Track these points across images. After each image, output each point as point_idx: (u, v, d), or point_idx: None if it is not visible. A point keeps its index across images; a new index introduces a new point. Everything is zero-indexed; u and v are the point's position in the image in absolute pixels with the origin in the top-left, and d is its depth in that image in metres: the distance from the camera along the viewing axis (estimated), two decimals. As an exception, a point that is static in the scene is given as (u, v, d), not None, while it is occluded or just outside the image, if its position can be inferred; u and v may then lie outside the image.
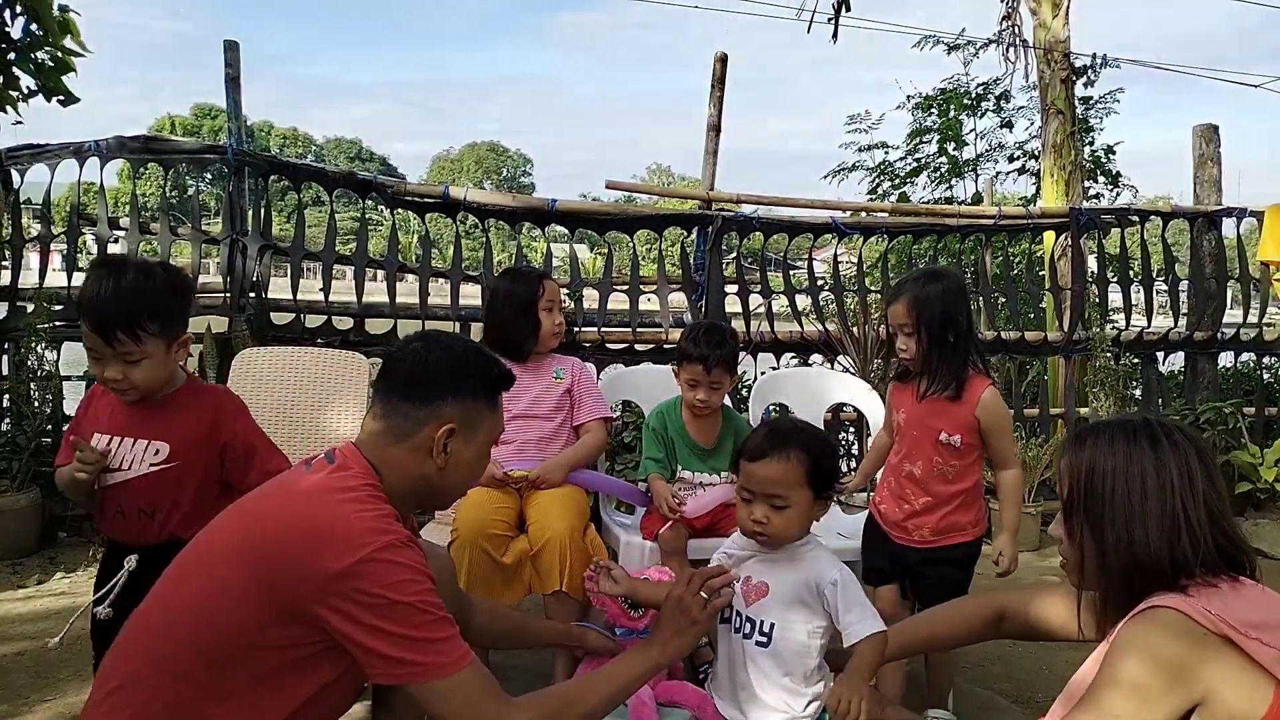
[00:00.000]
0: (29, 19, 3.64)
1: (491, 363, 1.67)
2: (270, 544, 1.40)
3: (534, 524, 2.47)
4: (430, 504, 1.69)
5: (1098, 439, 1.41)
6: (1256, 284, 5.34)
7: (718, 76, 4.80)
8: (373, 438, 1.58)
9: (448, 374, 1.59)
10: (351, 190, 4.51)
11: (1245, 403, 5.02)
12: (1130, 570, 1.35)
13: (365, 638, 1.36)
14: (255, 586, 1.37)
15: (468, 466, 1.63)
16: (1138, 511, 1.35)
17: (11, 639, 3.01)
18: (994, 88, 8.39)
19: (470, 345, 1.70)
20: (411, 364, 1.60)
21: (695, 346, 2.61)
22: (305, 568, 1.36)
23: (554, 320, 2.83)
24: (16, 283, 4.31)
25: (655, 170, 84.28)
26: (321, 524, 1.40)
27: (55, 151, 4.21)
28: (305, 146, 75.70)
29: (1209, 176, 5.35)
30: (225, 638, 1.38)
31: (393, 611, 1.36)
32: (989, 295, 5.43)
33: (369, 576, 1.35)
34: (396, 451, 1.56)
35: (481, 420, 1.63)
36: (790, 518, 1.86)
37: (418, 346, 1.62)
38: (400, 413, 1.57)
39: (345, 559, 1.35)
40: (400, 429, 1.56)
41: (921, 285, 2.34)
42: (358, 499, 1.45)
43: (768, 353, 4.80)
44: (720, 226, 4.66)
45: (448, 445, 1.57)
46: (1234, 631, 1.22)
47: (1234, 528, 1.36)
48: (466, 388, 1.60)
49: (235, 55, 4.36)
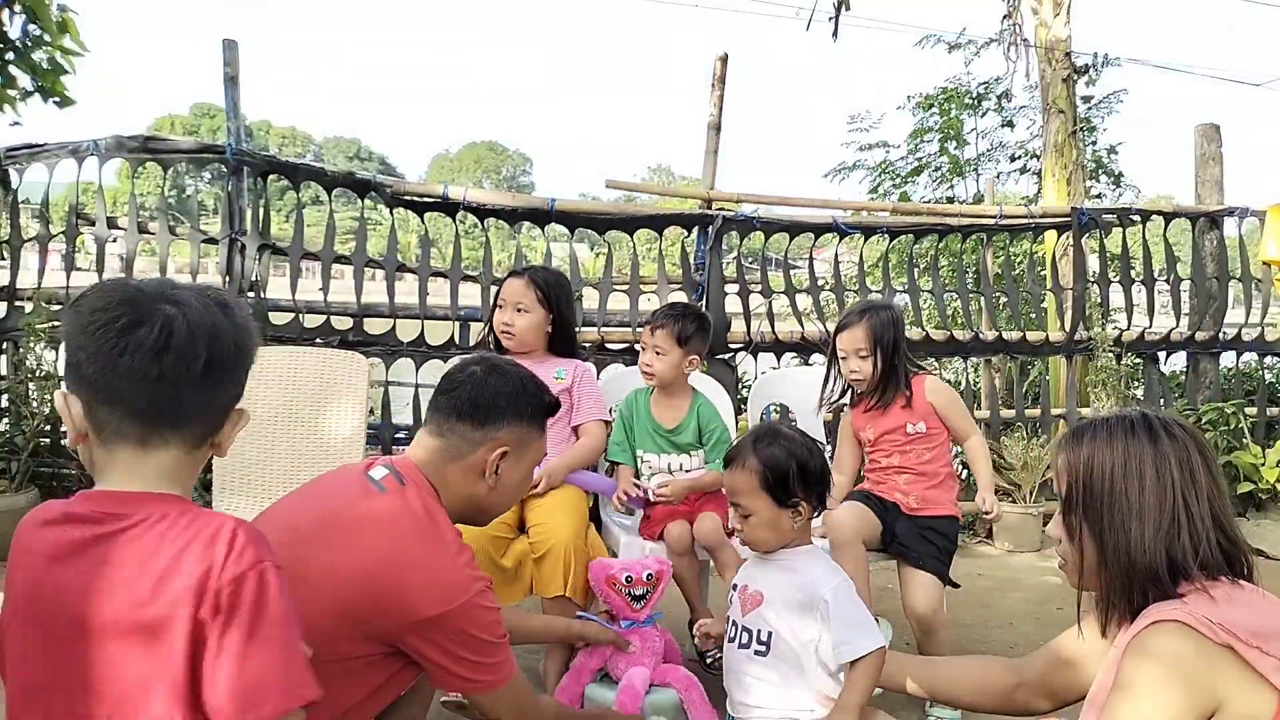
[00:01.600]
0: (28, 18, 3.62)
1: (543, 390, 1.78)
2: (361, 581, 1.46)
3: (535, 528, 2.46)
4: (474, 520, 1.78)
5: (1095, 435, 1.38)
6: (1258, 284, 5.33)
7: (718, 76, 4.79)
8: (430, 455, 1.67)
9: (506, 399, 1.69)
10: (350, 190, 4.49)
11: (1247, 403, 5.01)
12: (1128, 571, 1.32)
13: (444, 659, 1.51)
14: (338, 610, 1.44)
15: (514, 487, 1.75)
16: (1136, 509, 1.31)
17: (9, 640, 3.00)
18: (995, 87, 8.37)
19: (525, 372, 1.78)
20: (472, 388, 1.70)
21: (651, 315, 2.75)
22: (399, 608, 1.47)
23: (500, 318, 2.77)
24: (15, 283, 4.30)
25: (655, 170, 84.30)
26: (417, 569, 1.49)
27: (53, 151, 4.20)
28: (304, 145, 75.73)
29: (1210, 176, 5.33)
30: None
31: (476, 646, 1.52)
32: (990, 295, 5.42)
33: (463, 619, 1.50)
34: (451, 470, 1.66)
35: (530, 443, 1.74)
36: (755, 525, 1.87)
37: (477, 371, 1.72)
38: (458, 433, 1.67)
39: (442, 606, 1.48)
40: (457, 449, 1.66)
41: (875, 314, 2.69)
42: (447, 544, 1.56)
43: (768, 353, 4.78)
44: (720, 226, 4.64)
45: (499, 467, 1.67)
46: (1236, 640, 1.20)
47: (1234, 527, 1.33)
48: (521, 413, 1.71)
49: (234, 54, 4.34)
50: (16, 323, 4.14)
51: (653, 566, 2.35)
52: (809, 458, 1.88)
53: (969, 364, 6.05)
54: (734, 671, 1.92)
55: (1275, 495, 4.63)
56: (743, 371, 4.80)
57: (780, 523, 1.86)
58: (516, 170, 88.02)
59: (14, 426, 4.02)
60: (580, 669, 2.31)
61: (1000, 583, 4.00)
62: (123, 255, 4.52)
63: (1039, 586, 3.95)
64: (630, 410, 2.81)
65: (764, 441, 1.88)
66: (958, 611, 3.50)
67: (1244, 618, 1.23)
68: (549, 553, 2.38)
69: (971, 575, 4.09)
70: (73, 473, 4.08)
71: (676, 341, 2.67)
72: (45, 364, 4.08)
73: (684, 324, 2.69)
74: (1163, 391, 5.16)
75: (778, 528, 1.86)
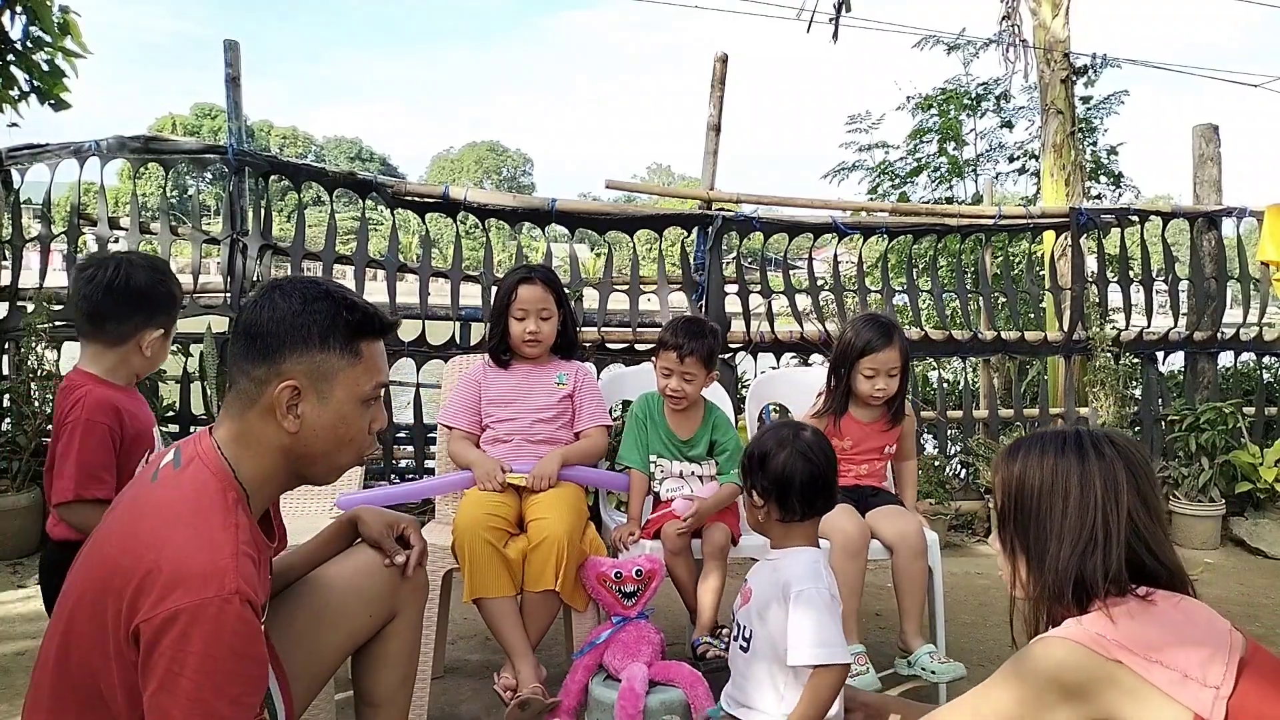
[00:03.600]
0: (29, 19, 3.63)
1: (345, 306, 1.41)
2: (101, 585, 1.24)
3: (532, 523, 2.48)
4: (305, 478, 1.47)
5: (1029, 451, 1.40)
6: (1256, 284, 5.34)
7: (718, 76, 4.80)
8: (226, 412, 1.40)
9: (285, 323, 1.37)
10: (351, 190, 4.51)
11: (1245, 402, 5.03)
12: (1045, 587, 1.35)
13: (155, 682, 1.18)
14: (100, 634, 1.24)
15: (331, 429, 1.40)
16: (1056, 527, 1.34)
17: (12, 639, 3.02)
18: (994, 87, 8.38)
19: (322, 288, 1.42)
20: (250, 316, 1.39)
21: (672, 336, 2.66)
22: (119, 611, 1.21)
23: (525, 328, 2.74)
24: (17, 283, 4.31)
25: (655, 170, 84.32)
26: (140, 579, 1.20)
27: (55, 151, 4.22)
28: (305, 146, 75.69)
29: (1209, 176, 5.35)
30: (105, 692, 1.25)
31: (202, 671, 1.17)
32: (989, 295, 5.43)
33: (192, 626, 1.17)
34: (249, 420, 1.37)
35: (335, 373, 1.39)
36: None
37: (259, 297, 1.41)
38: (244, 373, 1.37)
39: (169, 605, 1.17)
40: (248, 393, 1.37)
41: (899, 332, 2.76)
42: (198, 529, 1.25)
43: (768, 353, 4.80)
44: (720, 226, 4.66)
45: (296, 406, 1.36)
46: (1129, 654, 1.21)
47: (1164, 546, 1.34)
48: (308, 338, 1.37)
49: (235, 55, 4.36)
50: (18, 323, 4.15)
51: (644, 564, 2.37)
52: (773, 452, 1.88)
53: (967, 364, 6.06)
54: (732, 666, 1.95)
55: (1273, 495, 4.64)
56: (742, 371, 4.82)
57: (749, 505, 1.95)
58: (517, 170, 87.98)
59: (15, 426, 4.03)
60: (579, 666, 2.33)
61: (997, 581, 4.01)
62: (124, 255, 4.52)
63: (1037, 585, 3.96)
64: (645, 414, 2.78)
65: (760, 430, 2.02)
66: (956, 610, 3.51)
67: (1143, 633, 1.23)
68: (542, 544, 2.39)
69: (969, 574, 4.10)
70: (74, 472, 4.09)
71: (705, 365, 2.67)
72: (46, 364, 4.09)
73: (710, 344, 2.68)
74: (1161, 391, 5.17)
75: (749, 509, 1.96)
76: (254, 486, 1.39)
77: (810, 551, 1.93)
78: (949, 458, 5.10)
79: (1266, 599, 3.79)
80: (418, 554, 1.82)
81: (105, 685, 1.26)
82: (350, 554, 1.83)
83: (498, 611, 2.38)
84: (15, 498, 3.87)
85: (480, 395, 2.82)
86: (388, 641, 1.80)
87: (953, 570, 4.07)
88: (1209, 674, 1.20)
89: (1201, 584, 3.99)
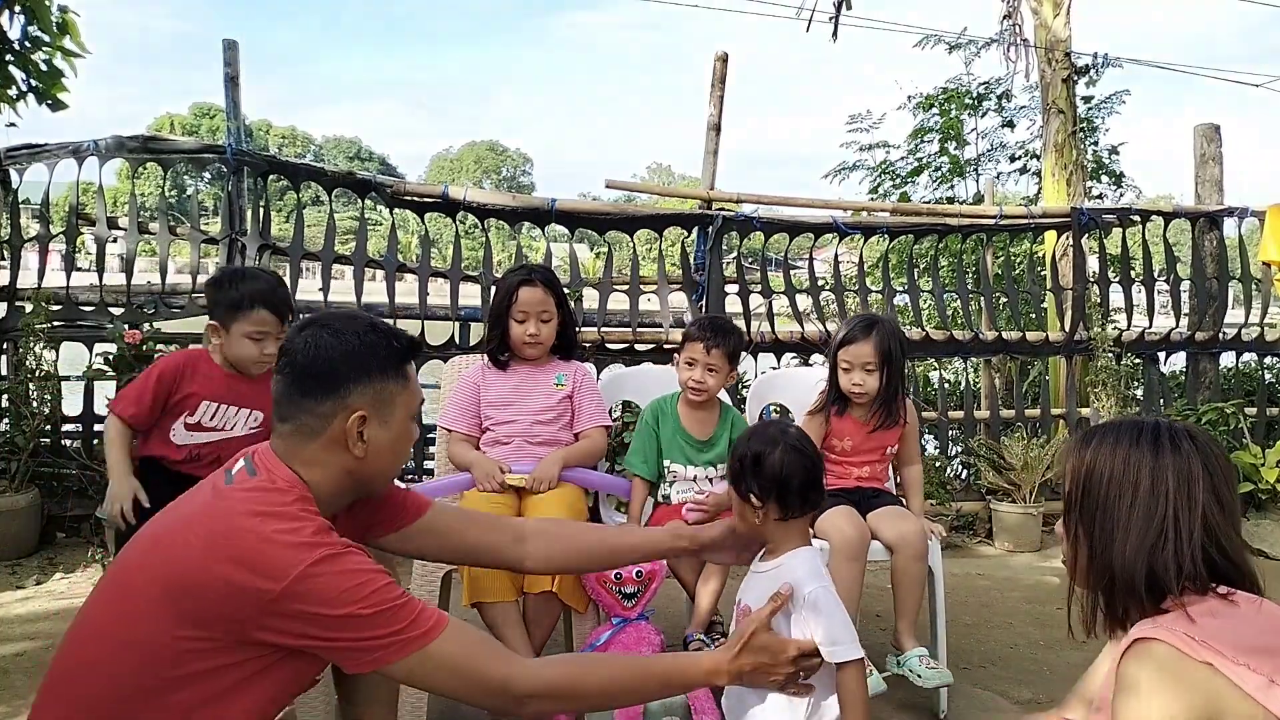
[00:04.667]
0: (28, 19, 3.62)
1: (389, 335, 1.55)
2: (196, 578, 1.32)
3: (532, 524, 2.46)
4: (364, 493, 1.60)
5: (1103, 440, 1.38)
6: (1258, 284, 5.33)
7: (718, 76, 4.80)
8: (286, 442, 1.49)
9: (344, 359, 1.48)
10: (350, 190, 4.50)
11: (1247, 403, 5.02)
12: (1110, 579, 1.33)
13: (323, 645, 1.34)
14: (181, 622, 1.31)
15: (391, 449, 1.54)
16: (1124, 519, 1.31)
17: (11, 639, 3.01)
18: (995, 87, 8.37)
19: (362, 322, 1.55)
20: (304, 356, 1.48)
21: (699, 330, 2.70)
22: (239, 596, 1.30)
23: (525, 330, 2.73)
24: (15, 283, 4.30)
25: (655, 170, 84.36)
26: (248, 550, 1.31)
27: (54, 151, 4.21)
28: (304, 146, 75.73)
29: (1210, 176, 5.34)
30: (151, 674, 1.31)
31: (331, 623, 1.32)
32: (990, 295, 5.42)
33: (308, 595, 1.30)
34: (312, 451, 1.47)
35: (394, 398, 1.53)
36: (735, 512, 1.93)
37: (307, 336, 1.50)
38: (305, 410, 1.47)
39: (280, 582, 1.29)
40: (310, 428, 1.47)
41: (882, 328, 2.71)
42: (282, 517, 1.37)
43: (768, 353, 4.79)
44: (720, 226, 4.65)
45: (363, 433, 1.48)
46: (1218, 657, 1.18)
47: (1236, 545, 1.31)
48: (369, 369, 1.49)
49: (234, 55, 4.35)
50: (16, 323, 4.14)
51: (644, 565, 2.35)
52: (769, 455, 1.85)
53: (969, 364, 6.05)
54: (732, 691, 1.91)
55: (1275, 495, 4.62)
56: (742, 371, 4.80)
57: (745, 514, 1.89)
58: (517, 170, 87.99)
59: (14, 426, 4.02)
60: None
61: (999, 583, 4.01)
62: (123, 255, 4.52)
63: (1038, 586, 3.95)
64: (656, 420, 2.75)
65: (745, 434, 1.96)
66: (958, 611, 3.50)
67: (1228, 634, 1.21)
68: None
69: (971, 575, 4.09)
70: (73, 472, 4.09)
71: (729, 360, 2.68)
72: (45, 364, 4.08)
73: (736, 340, 2.70)
74: (1162, 392, 5.16)
75: (744, 518, 1.91)
76: (322, 502, 1.48)
77: (807, 550, 1.92)
78: (950, 458, 5.09)
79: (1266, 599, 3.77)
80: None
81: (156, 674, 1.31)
82: None
83: (498, 616, 2.36)
84: (14, 498, 3.86)
85: (479, 397, 2.80)
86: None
87: (954, 572, 4.06)
88: None
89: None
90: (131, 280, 4.35)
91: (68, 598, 3.41)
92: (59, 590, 3.52)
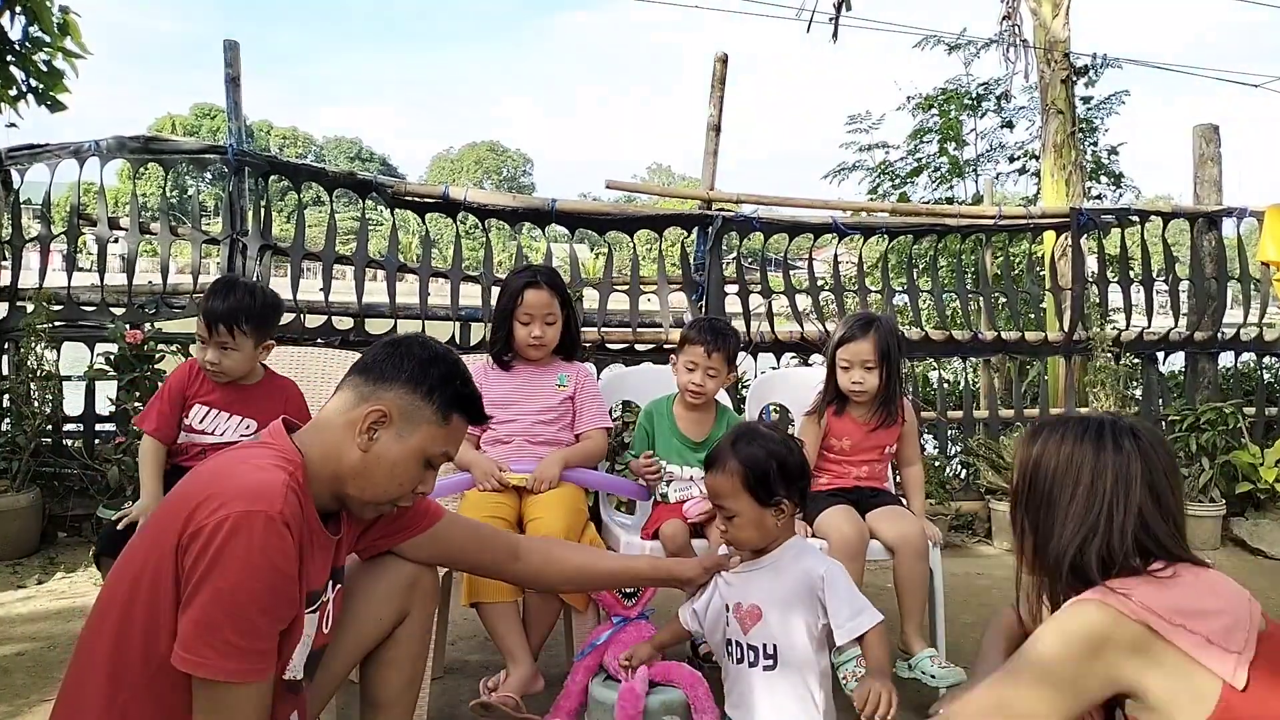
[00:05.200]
0: (29, 20, 3.63)
1: (460, 380, 1.59)
2: (172, 520, 1.33)
3: (532, 523, 2.47)
4: (346, 498, 1.56)
5: (1050, 436, 1.44)
6: (1257, 284, 5.34)
7: (718, 77, 4.80)
8: (322, 412, 1.57)
9: (408, 364, 1.55)
10: (351, 190, 4.51)
11: (1246, 403, 5.02)
12: (1050, 569, 1.40)
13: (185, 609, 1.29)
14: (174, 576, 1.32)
15: (389, 467, 1.53)
16: (1062, 513, 1.38)
17: (11, 640, 3.01)
18: (994, 88, 8.38)
19: (452, 357, 1.62)
20: (384, 349, 1.58)
21: (699, 333, 2.70)
22: (177, 536, 1.31)
23: (530, 332, 2.73)
24: (16, 283, 4.31)
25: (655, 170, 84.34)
26: (200, 486, 1.36)
27: (55, 152, 4.21)
28: (305, 146, 75.72)
29: (1209, 176, 5.34)
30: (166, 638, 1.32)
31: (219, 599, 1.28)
32: (989, 296, 5.43)
33: (225, 537, 1.28)
34: (334, 425, 1.53)
35: (421, 423, 1.54)
36: (741, 525, 1.89)
37: (402, 338, 1.61)
38: (354, 386, 1.56)
39: (206, 517, 1.29)
40: (348, 401, 1.54)
41: (881, 326, 2.70)
42: (253, 465, 1.40)
43: (768, 353, 4.80)
44: (720, 226, 4.66)
45: (374, 430, 1.51)
46: (1154, 617, 1.23)
47: (1176, 542, 1.36)
48: (419, 384, 1.54)
49: (235, 55, 4.35)
50: (18, 323, 4.15)
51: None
52: (788, 455, 1.90)
53: (968, 364, 6.06)
54: (740, 692, 1.91)
55: (1274, 495, 4.63)
56: (742, 371, 4.81)
57: (764, 522, 1.89)
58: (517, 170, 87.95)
59: (15, 426, 4.03)
60: (580, 668, 2.32)
61: (999, 582, 4.01)
62: (124, 255, 4.53)
63: (1038, 586, 3.95)
64: (652, 421, 2.76)
65: (743, 442, 1.90)
66: (957, 611, 3.51)
67: (1167, 598, 1.26)
68: None
69: (971, 575, 4.10)
70: (74, 472, 4.09)
71: (728, 363, 2.68)
72: (46, 364, 4.09)
73: (734, 342, 2.71)
74: (1161, 391, 5.17)
75: (762, 526, 1.89)
76: (315, 479, 1.50)
77: (796, 538, 1.98)
78: (949, 458, 5.10)
79: (1267, 600, 3.79)
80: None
81: (163, 644, 1.31)
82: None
83: (496, 616, 2.36)
84: (15, 498, 3.87)
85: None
86: (397, 643, 1.81)
87: (953, 571, 4.06)
88: (1232, 639, 1.21)
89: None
90: (133, 280, 4.36)
91: (69, 597, 3.42)
92: (60, 590, 3.52)
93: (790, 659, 1.85)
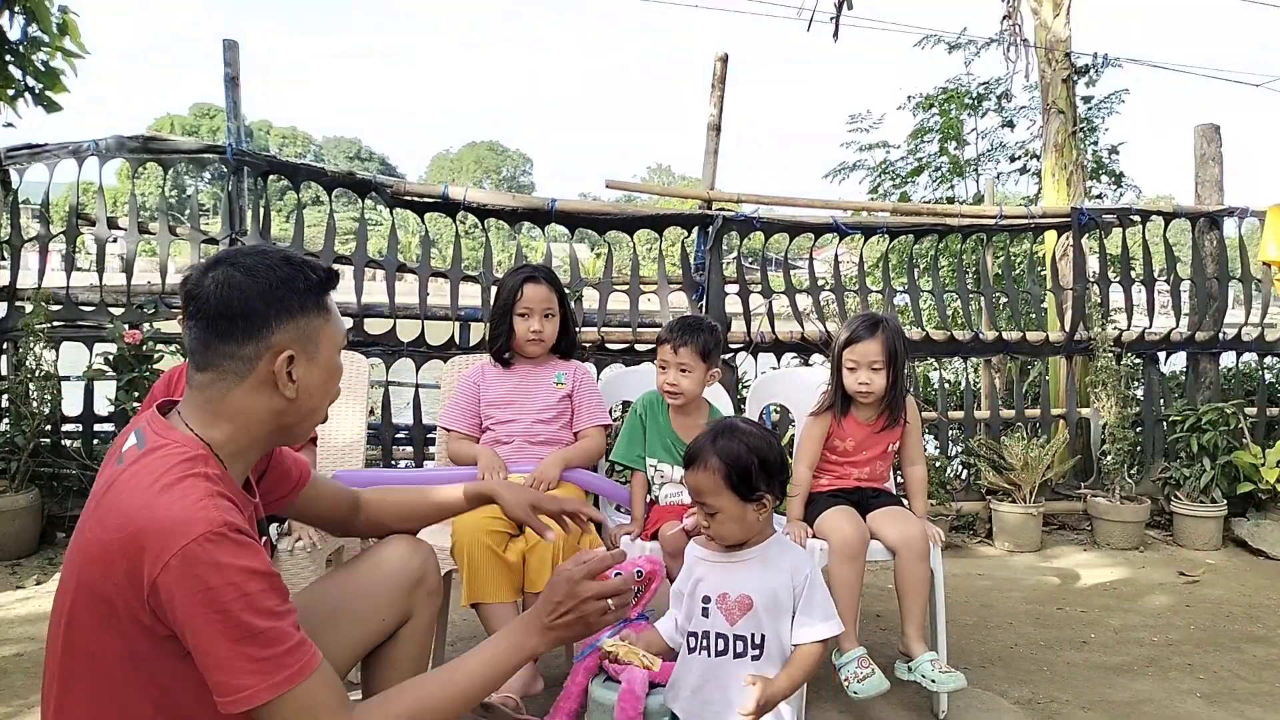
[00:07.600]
0: (28, 20, 3.62)
1: (304, 267, 1.47)
2: (99, 568, 1.26)
3: (531, 524, 2.46)
4: (290, 439, 1.53)
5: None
6: (1258, 284, 5.33)
7: (718, 76, 4.79)
8: (203, 393, 1.40)
9: (262, 296, 1.39)
10: (351, 190, 4.50)
11: (1247, 403, 5.01)
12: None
13: (199, 652, 1.23)
14: (104, 614, 1.27)
15: (322, 386, 1.49)
16: None
17: (11, 640, 3.01)
18: (995, 87, 8.37)
19: (273, 255, 1.46)
20: (217, 298, 1.39)
21: (666, 331, 2.68)
22: (120, 584, 1.24)
23: (529, 326, 2.74)
24: (15, 283, 4.30)
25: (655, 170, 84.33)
26: (137, 528, 1.24)
27: (53, 151, 4.21)
28: (304, 145, 75.71)
29: (1210, 176, 5.33)
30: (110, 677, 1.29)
31: (225, 621, 1.22)
32: (990, 295, 5.42)
33: (191, 567, 1.20)
34: (237, 397, 1.40)
35: (319, 333, 1.47)
36: (723, 521, 1.88)
37: (216, 275, 1.39)
38: (226, 355, 1.39)
39: (156, 559, 1.21)
40: (234, 372, 1.39)
41: (888, 326, 2.70)
42: (161, 488, 1.28)
43: (768, 353, 4.79)
44: (720, 226, 4.65)
45: (292, 373, 1.42)
46: None
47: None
48: (289, 305, 1.42)
49: (235, 55, 4.35)
50: (16, 323, 4.14)
51: (644, 565, 2.35)
52: (768, 450, 1.89)
53: (969, 364, 6.05)
54: (722, 684, 1.89)
55: (1275, 495, 4.62)
56: (743, 371, 4.81)
57: (746, 517, 1.89)
58: (517, 170, 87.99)
59: (14, 426, 4.02)
60: (579, 669, 2.31)
61: (1000, 583, 4.01)
62: (123, 255, 4.52)
63: (1038, 586, 3.95)
64: (647, 414, 2.74)
65: (723, 438, 1.89)
66: (958, 611, 3.50)
67: None
68: (538, 546, 2.38)
69: (971, 575, 4.09)
70: (73, 472, 4.09)
71: (701, 357, 2.63)
72: (45, 364, 4.08)
73: (705, 338, 2.65)
74: (1162, 392, 5.16)
75: (744, 522, 1.89)
76: (232, 457, 1.42)
77: (777, 534, 1.98)
78: (950, 458, 5.09)
79: (1268, 600, 3.77)
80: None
81: (104, 663, 1.28)
82: (369, 554, 1.84)
83: (496, 616, 2.36)
84: (14, 498, 3.86)
85: (479, 397, 2.81)
86: (399, 644, 1.80)
87: (954, 572, 4.06)
88: None
89: (1203, 585, 3.98)
90: (131, 280, 4.35)
91: (68, 598, 3.41)
92: (59, 590, 3.52)
93: (773, 649, 1.87)
